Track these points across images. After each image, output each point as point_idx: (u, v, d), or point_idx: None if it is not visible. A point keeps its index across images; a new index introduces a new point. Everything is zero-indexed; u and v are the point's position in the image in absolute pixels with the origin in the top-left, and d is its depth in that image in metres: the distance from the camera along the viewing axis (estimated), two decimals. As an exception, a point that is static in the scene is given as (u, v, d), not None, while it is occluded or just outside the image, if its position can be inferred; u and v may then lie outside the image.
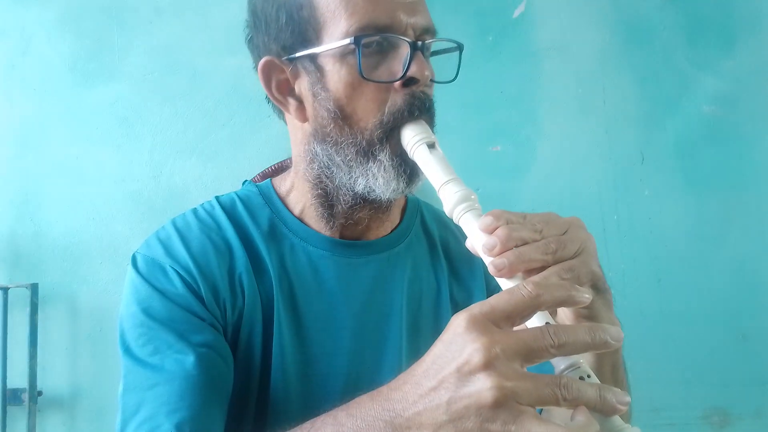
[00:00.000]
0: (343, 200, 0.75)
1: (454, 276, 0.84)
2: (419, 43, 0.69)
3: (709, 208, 1.97)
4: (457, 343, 0.46)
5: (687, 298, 1.94)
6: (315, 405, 0.57)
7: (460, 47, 0.76)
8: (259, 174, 1.18)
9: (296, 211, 0.79)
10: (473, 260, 0.83)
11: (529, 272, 0.55)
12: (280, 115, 0.81)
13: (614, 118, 2.00)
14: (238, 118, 1.93)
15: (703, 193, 1.98)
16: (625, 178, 1.99)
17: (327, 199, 0.76)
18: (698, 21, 2.01)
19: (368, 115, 0.70)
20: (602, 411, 0.46)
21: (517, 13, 2.02)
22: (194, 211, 0.79)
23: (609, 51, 2.02)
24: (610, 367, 0.63)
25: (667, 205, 1.98)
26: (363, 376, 0.54)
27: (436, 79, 0.75)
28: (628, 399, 0.46)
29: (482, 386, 0.44)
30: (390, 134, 0.69)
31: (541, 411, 0.75)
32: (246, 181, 0.86)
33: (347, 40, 0.67)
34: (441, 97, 2.11)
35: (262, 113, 0.83)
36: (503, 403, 0.44)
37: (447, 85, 0.77)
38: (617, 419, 0.47)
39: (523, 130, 1.99)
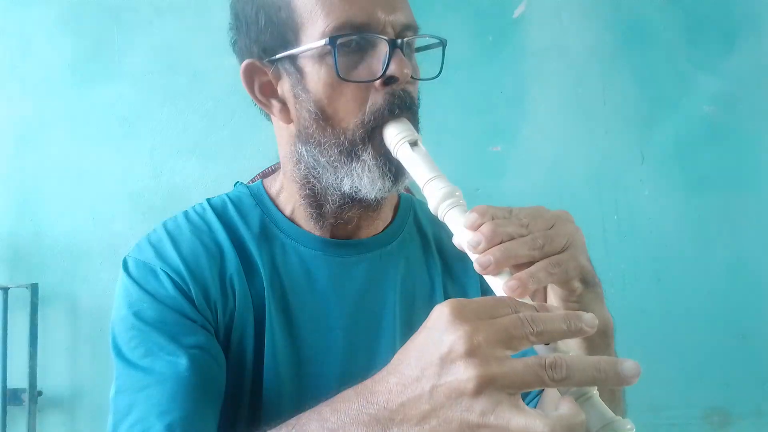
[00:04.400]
0: (331, 200, 0.74)
1: (448, 273, 0.84)
2: (398, 40, 0.68)
3: (709, 208, 1.97)
4: (439, 330, 0.46)
5: (687, 298, 1.94)
6: (308, 405, 0.57)
7: (443, 43, 0.75)
8: (258, 174, 1.18)
9: (287, 211, 0.79)
10: (467, 257, 0.83)
11: (516, 267, 0.54)
12: (267, 116, 0.81)
13: (614, 118, 2.00)
14: (238, 118, 1.93)
15: (703, 193, 1.98)
16: (625, 178, 1.99)
17: (315, 200, 0.76)
18: (698, 21, 2.01)
19: (349, 115, 0.69)
20: (605, 383, 0.45)
21: (517, 13, 2.02)
22: (185, 213, 0.78)
23: (609, 51, 2.02)
24: None
25: (667, 205, 1.98)
26: (356, 376, 0.54)
27: (422, 76, 0.74)
28: (638, 369, 0.44)
29: (464, 375, 0.44)
30: (372, 134, 0.69)
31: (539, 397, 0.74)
32: (237, 182, 0.86)
33: (323, 41, 0.67)
34: (441, 97, 2.10)
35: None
36: (483, 392, 0.43)
37: (447, 85, 0.76)
38: (608, 411, 0.47)
39: (523, 130, 1.99)
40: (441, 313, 0.47)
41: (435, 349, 0.46)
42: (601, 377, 0.45)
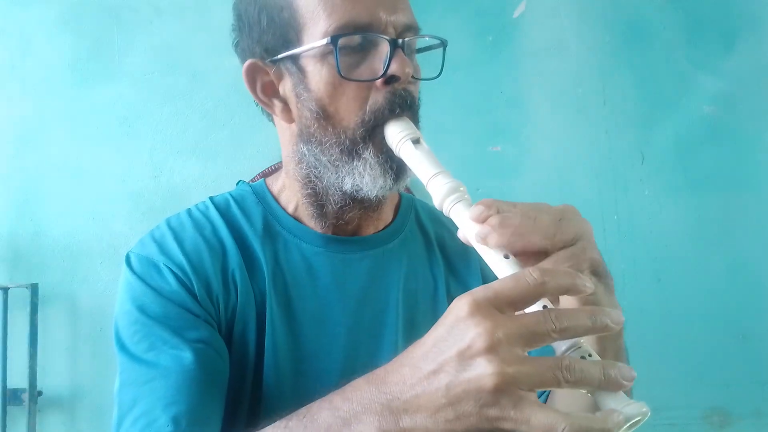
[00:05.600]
0: (333, 200, 0.75)
1: (451, 271, 0.84)
2: (400, 40, 0.69)
3: (709, 208, 1.97)
4: (460, 327, 0.46)
5: (687, 298, 1.94)
6: (308, 401, 0.57)
7: (443, 43, 0.76)
8: (259, 174, 1.19)
9: (289, 209, 0.80)
10: (469, 255, 0.83)
11: (525, 258, 0.54)
12: (269, 116, 0.81)
13: (614, 118, 2.00)
14: (238, 118, 1.93)
15: (703, 193, 1.98)
16: (625, 178, 1.99)
17: (317, 199, 0.76)
18: (698, 21, 2.02)
19: (350, 114, 0.70)
20: (607, 388, 0.46)
21: (517, 13, 2.02)
22: (188, 211, 0.79)
23: (609, 51, 2.02)
24: (613, 353, 0.62)
25: (667, 205, 1.98)
26: (358, 372, 0.54)
27: (423, 76, 0.74)
28: (633, 374, 0.46)
29: (483, 371, 0.44)
30: (372, 132, 0.70)
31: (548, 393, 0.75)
32: (240, 181, 0.86)
33: (325, 40, 0.67)
34: (441, 97, 2.10)
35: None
36: (503, 389, 0.44)
37: (447, 85, 0.77)
38: (621, 395, 0.47)
39: (523, 130, 2.00)
40: (461, 307, 0.47)
41: (454, 345, 0.46)
42: (605, 381, 0.45)
